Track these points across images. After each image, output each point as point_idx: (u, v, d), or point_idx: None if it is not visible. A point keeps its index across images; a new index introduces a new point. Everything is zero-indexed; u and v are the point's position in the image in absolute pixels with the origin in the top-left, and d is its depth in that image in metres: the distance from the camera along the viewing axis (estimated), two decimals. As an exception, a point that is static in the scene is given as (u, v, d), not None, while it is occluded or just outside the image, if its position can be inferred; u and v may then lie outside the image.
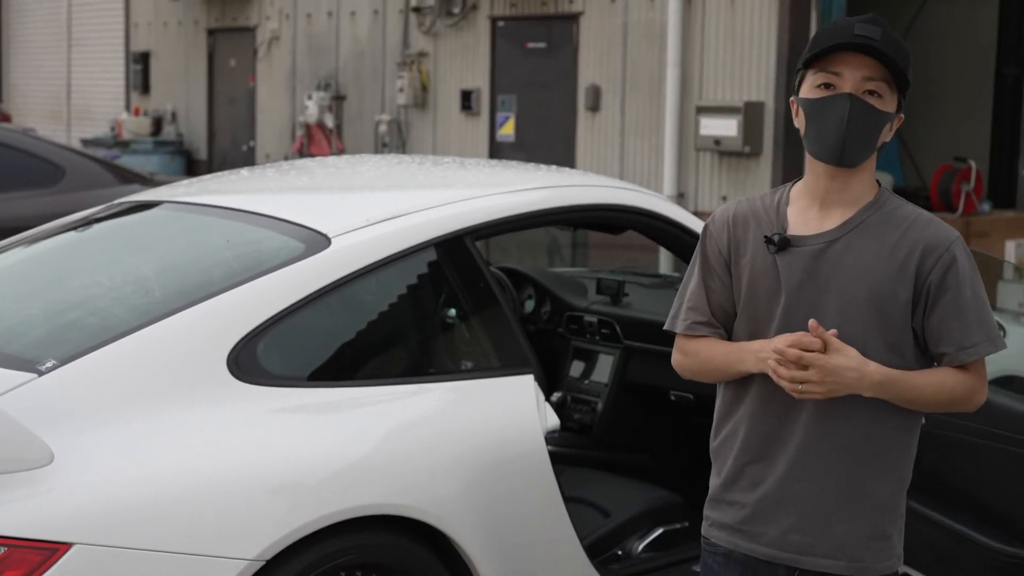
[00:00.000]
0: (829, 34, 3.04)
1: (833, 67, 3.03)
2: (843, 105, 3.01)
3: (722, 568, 3.21)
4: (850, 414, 3.06)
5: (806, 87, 3.09)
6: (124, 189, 8.60)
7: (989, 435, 4.16)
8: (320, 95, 16.92)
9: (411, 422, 4.01)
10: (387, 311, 4.37)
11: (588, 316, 5.88)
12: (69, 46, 22.48)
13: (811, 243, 3.08)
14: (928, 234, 3.06)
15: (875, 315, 3.04)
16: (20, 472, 3.36)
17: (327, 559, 3.71)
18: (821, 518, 3.09)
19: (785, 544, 3.11)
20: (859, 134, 3.02)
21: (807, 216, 3.13)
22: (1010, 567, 4.10)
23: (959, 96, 13.83)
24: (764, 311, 3.11)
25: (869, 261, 3.05)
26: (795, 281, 3.07)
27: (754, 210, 3.19)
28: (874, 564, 3.11)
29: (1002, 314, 7.39)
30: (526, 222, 4.62)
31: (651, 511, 4.87)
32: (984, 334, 3.07)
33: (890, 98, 3.05)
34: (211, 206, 4.70)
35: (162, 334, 3.81)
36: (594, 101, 13.85)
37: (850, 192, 3.10)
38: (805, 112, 3.09)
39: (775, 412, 3.11)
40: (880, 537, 3.12)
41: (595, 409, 5.76)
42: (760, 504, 3.13)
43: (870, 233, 3.07)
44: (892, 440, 3.11)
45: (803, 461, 3.09)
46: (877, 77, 3.02)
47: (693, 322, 3.22)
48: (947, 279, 3.04)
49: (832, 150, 3.04)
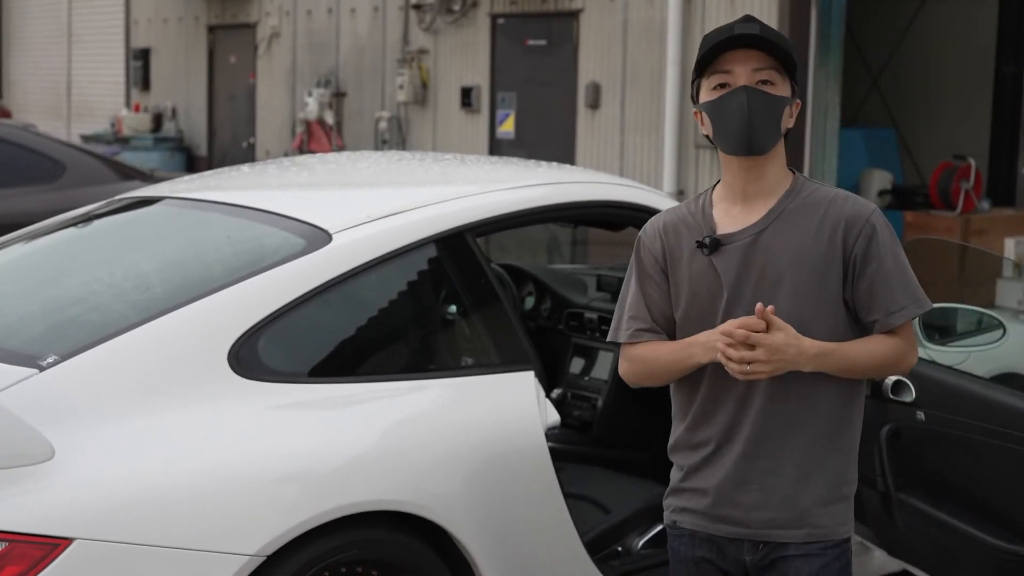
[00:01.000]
0: (713, 38, 3.22)
1: (724, 66, 3.21)
2: (740, 97, 3.18)
3: (688, 548, 3.36)
4: (799, 392, 3.22)
5: (704, 93, 3.26)
6: (124, 185, 8.60)
7: (990, 432, 4.16)
8: (320, 92, 16.91)
9: (412, 418, 4.02)
10: (388, 307, 4.37)
11: (588, 313, 5.88)
12: (69, 42, 22.47)
13: (740, 238, 3.24)
14: (847, 210, 3.23)
15: (814, 293, 3.21)
16: (21, 467, 3.36)
17: (328, 555, 3.71)
18: (782, 492, 3.24)
19: (750, 521, 3.26)
20: (761, 121, 3.18)
21: (732, 214, 3.28)
22: (1011, 564, 4.11)
23: (958, 94, 13.83)
24: (708, 310, 3.25)
25: (798, 244, 3.21)
26: (732, 276, 3.23)
27: (682, 217, 3.36)
28: (834, 528, 3.27)
29: (1001, 311, 7.40)
30: (526, 218, 4.63)
31: (651, 507, 4.87)
32: (909, 297, 3.23)
33: (783, 84, 3.23)
34: (212, 202, 4.70)
35: (163, 330, 3.81)
36: (594, 98, 13.84)
37: (766, 182, 3.26)
38: (709, 114, 3.25)
39: (729, 401, 3.26)
40: (837, 501, 3.28)
41: (595, 406, 5.76)
42: (722, 487, 3.28)
43: (794, 218, 3.23)
44: (840, 411, 3.27)
45: (760, 442, 3.24)
46: (766, 66, 3.20)
47: (636, 330, 3.39)
48: (870, 250, 3.20)
49: (740, 141, 3.19)
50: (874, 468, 4.35)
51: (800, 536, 3.24)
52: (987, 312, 5.43)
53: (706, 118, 3.25)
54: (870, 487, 4.37)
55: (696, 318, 3.27)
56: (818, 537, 3.25)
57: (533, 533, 4.13)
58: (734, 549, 3.30)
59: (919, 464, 4.35)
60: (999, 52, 13.62)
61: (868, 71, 14.24)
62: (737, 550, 3.29)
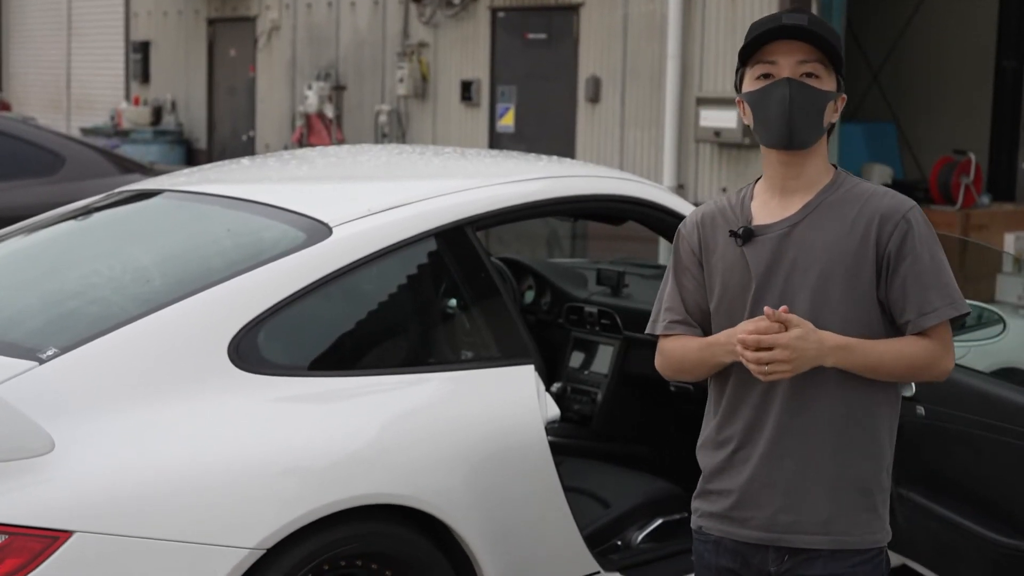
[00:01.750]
0: (759, 27, 3.15)
1: (768, 57, 3.13)
2: (783, 89, 3.11)
3: (712, 555, 3.27)
4: (824, 390, 3.13)
5: (747, 82, 3.19)
6: (124, 178, 8.59)
7: (989, 427, 4.16)
8: (320, 85, 16.90)
9: (411, 412, 4.02)
10: (388, 301, 4.37)
11: (588, 307, 5.88)
12: (69, 35, 22.46)
13: (774, 230, 3.17)
14: (884, 204, 3.14)
15: (845, 290, 3.12)
16: (21, 460, 3.36)
17: (328, 548, 3.72)
18: (806, 495, 3.14)
19: (774, 525, 3.16)
20: (803, 115, 3.11)
21: (769, 207, 3.22)
22: (1009, 558, 4.11)
23: (959, 89, 13.82)
24: (738, 301, 3.19)
25: (832, 238, 3.13)
26: (763, 267, 3.16)
27: (720, 209, 3.29)
28: (861, 537, 3.16)
29: (1001, 306, 7.40)
30: (526, 212, 4.63)
31: (650, 501, 4.88)
32: (944, 297, 3.11)
33: (828, 78, 3.15)
34: (212, 195, 4.70)
35: (163, 323, 3.81)
36: (594, 92, 13.84)
37: (806, 176, 3.19)
38: (750, 105, 3.19)
39: (753, 399, 3.18)
40: (865, 510, 3.17)
41: (595, 400, 5.77)
42: (747, 488, 3.19)
43: (830, 212, 3.16)
44: (868, 414, 3.17)
45: (784, 441, 3.15)
46: (811, 59, 3.12)
47: (670, 322, 3.31)
48: (904, 246, 3.11)
49: (780, 134, 3.13)
50: (874, 462, 4.34)
51: (826, 543, 3.13)
52: (987, 307, 5.43)
53: (747, 108, 3.19)
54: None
55: (726, 310, 3.21)
56: (845, 546, 3.14)
57: (533, 527, 4.13)
58: (758, 559, 3.19)
59: (919, 459, 4.35)
60: (999, 47, 13.62)
61: (868, 66, 14.23)
62: (762, 560, 3.19)
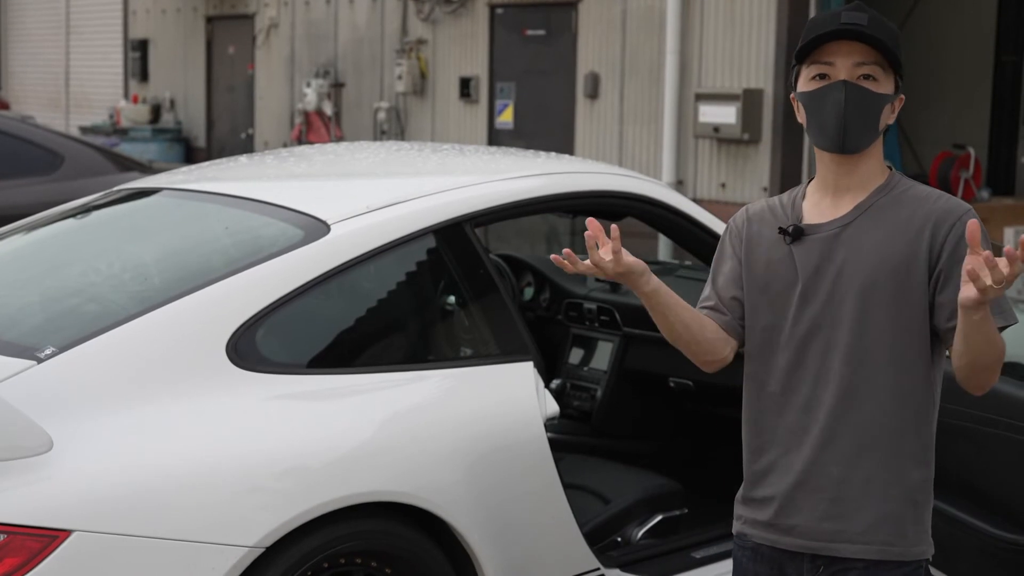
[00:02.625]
0: (817, 26, 3.08)
1: (825, 57, 3.06)
2: (839, 92, 3.04)
3: (750, 563, 3.21)
4: (873, 394, 3.06)
5: (802, 81, 3.13)
6: (122, 177, 8.58)
7: (989, 422, 4.16)
8: (319, 82, 16.92)
9: (410, 409, 4.01)
10: (386, 298, 4.36)
11: (587, 303, 5.88)
12: (67, 34, 22.46)
13: (825, 230, 3.11)
14: (940, 207, 3.05)
15: (893, 294, 3.04)
16: (19, 459, 3.36)
17: (327, 546, 3.71)
18: (852, 503, 3.08)
19: (818, 532, 3.10)
20: (858, 118, 3.05)
21: (821, 206, 3.16)
22: (1009, 553, 4.11)
23: (958, 83, 13.82)
24: (782, 298, 3.13)
25: (883, 241, 3.05)
26: (811, 267, 3.09)
27: (771, 206, 3.25)
28: (907, 549, 3.09)
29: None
30: (525, 209, 4.62)
31: (650, 498, 4.87)
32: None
33: (886, 80, 3.09)
34: (210, 193, 4.70)
35: (161, 321, 3.80)
36: (593, 88, 13.84)
37: (858, 177, 3.12)
38: (804, 105, 3.12)
39: (797, 401, 3.12)
40: (912, 522, 3.11)
41: (594, 396, 5.77)
42: (791, 493, 3.12)
43: (883, 214, 3.08)
44: (916, 420, 3.10)
45: (830, 446, 3.08)
46: (869, 61, 3.05)
47: (702, 307, 3.27)
48: (959, 251, 2.98)
49: (834, 138, 3.07)
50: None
51: (868, 552, 3.06)
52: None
53: (801, 108, 3.14)
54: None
55: (766, 307, 3.15)
56: (887, 556, 3.07)
57: (532, 524, 4.13)
58: (794, 567, 3.13)
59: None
60: (999, 41, 13.62)
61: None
62: (797, 568, 3.13)
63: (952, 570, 4.36)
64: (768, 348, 3.16)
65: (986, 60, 13.70)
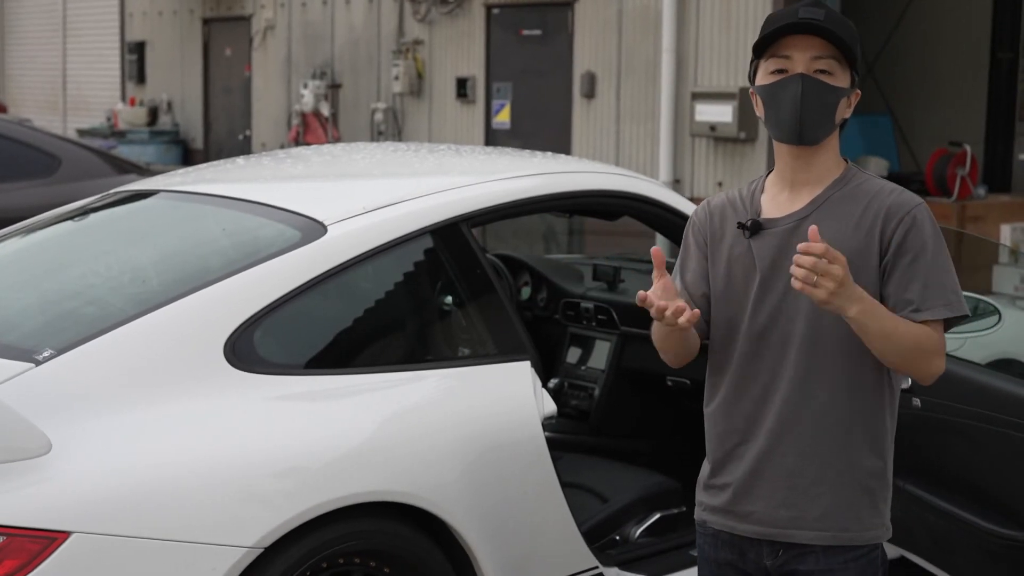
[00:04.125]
0: (775, 20, 3.15)
1: (783, 51, 3.13)
2: (795, 85, 3.11)
3: (712, 548, 3.30)
4: (826, 384, 3.12)
5: (760, 75, 3.20)
6: (120, 179, 8.59)
7: (985, 418, 4.17)
8: (316, 84, 16.91)
9: (408, 409, 4.02)
10: (384, 298, 4.37)
11: (585, 302, 5.88)
12: (65, 36, 22.45)
13: (782, 224, 3.18)
14: (891, 200, 3.14)
15: None
16: (18, 461, 3.37)
17: (325, 546, 3.72)
18: (807, 490, 3.15)
19: (774, 520, 3.17)
20: (814, 111, 3.12)
21: (778, 200, 3.23)
22: (1005, 549, 4.12)
23: (954, 80, 13.82)
24: (741, 291, 3.20)
25: (838, 234, 3.11)
26: (768, 261, 3.16)
27: (731, 200, 3.31)
28: (860, 533, 3.16)
29: (998, 297, 7.41)
30: (522, 209, 4.63)
31: (648, 496, 4.88)
32: (941, 298, 3.07)
33: (842, 75, 3.16)
34: (207, 195, 4.70)
35: (159, 323, 3.81)
36: (589, 88, 13.84)
37: (815, 171, 3.20)
38: (762, 99, 3.20)
39: (754, 391, 3.19)
40: (867, 507, 3.17)
41: (592, 395, 5.77)
42: (747, 481, 3.20)
43: (838, 208, 3.16)
44: (869, 410, 3.16)
45: (785, 435, 3.15)
46: (826, 55, 3.12)
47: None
48: (907, 241, 3.08)
49: (791, 130, 3.14)
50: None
51: (824, 539, 3.13)
52: (983, 298, 5.44)
53: (760, 101, 3.20)
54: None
55: (728, 301, 3.22)
56: (843, 541, 3.14)
57: (530, 523, 4.14)
58: (755, 552, 3.20)
59: (915, 450, 4.35)
60: (994, 38, 13.62)
61: (863, 58, 14.20)
62: (757, 554, 3.20)
63: (949, 566, 4.37)
64: (729, 340, 3.23)
65: (982, 57, 13.70)
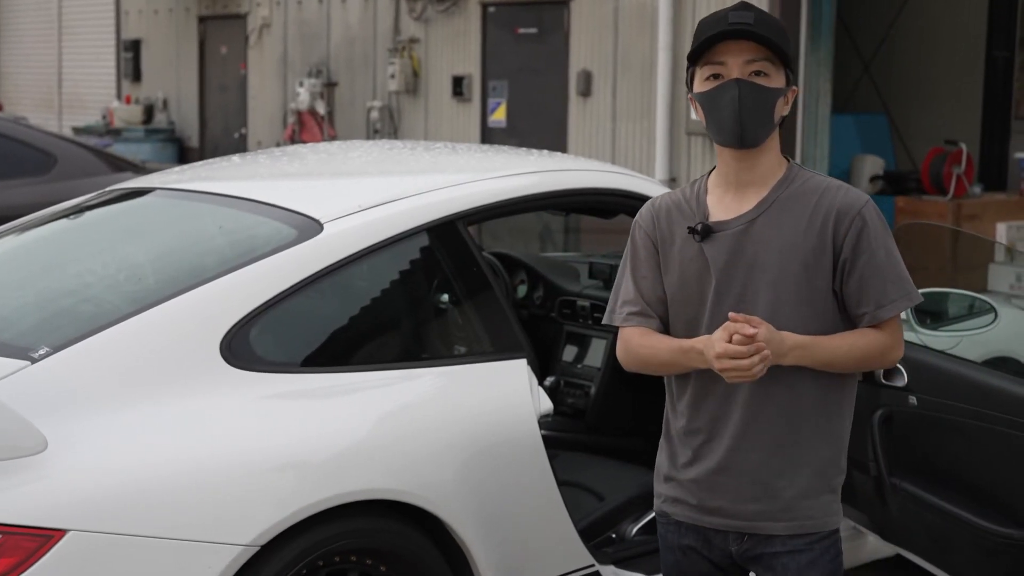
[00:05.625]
0: (707, 27, 3.20)
1: (717, 57, 3.18)
2: (732, 90, 3.16)
3: (675, 536, 3.38)
4: (785, 381, 3.19)
5: (698, 82, 3.24)
6: (116, 177, 8.59)
7: (981, 416, 4.17)
8: (311, 82, 16.90)
9: (404, 407, 4.02)
10: (380, 296, 4.37)
11: (581, 300, 5.89)
12: (60, 34, 22.43)
13: (732, 226, 3.23)
14: (839, 200, 3.20)
15: (804, 285, 3.18)
16: (14, 459, 3.36)
17: (322, 544, 3.72)
18: (771, 484, 3.23)
19: (741, 513, 3.25)
20: (753, 114, 3.16)
21: (725, 202, 3.27)
22: (1002, 547, 4.12)
23: (950, 79, 13.83)
24: (696, 295, 3.24)
25: (790, 234, 3.18)
26: (722, 263, 3.21)
27: (676, 202, 3.35)
28: (822, 519, 3.26)
29: (993, 295, 7.41)
30: (518, 207, 4.63)
31: (644, 495, 4.86)
32: (900, 290, 3.20)
33: (776, 75, 3.20)
34: (203, 192, 4.70)
35: (155, 321, 3.81)
36: (585, 86, 13.84)
37: (759, 171, 3.24)
38: (701, 105, 3.24)
39: (718, 390, 3.24)
40: (825, 492, 3.27)
41: (588, 393, 5.77)
42: (712, 477, 3.27)
43: (786, 207, 3.21)
44: (829, 401, 3.25)
45: (748, 432, 3.23)
46: (759, 58, 3.17)
47: (628, 313, 3.36)
48: (860, 243, 3.17)
49: (732, 134, 3.18)
50: (867, 453, 4.36)
51: (791, 528, 3.23)
52: (979, 296, 5.45)
53: (699, 107, 3.24)
54: (863, 472, 4.38)
55: (684, 303, 3.27)
56: (808, 529, 3.24)
57: (527, 521, 4.14)
58: (720, 539, 3.30)
59: (912, 449, 4.36)
60: (990, 36, 13.61)
61: (859, 57, 14.23)
62: (723, 540, 3.30)
63: (947, 565, 4.37)
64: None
65: (977, 56, 13.70)
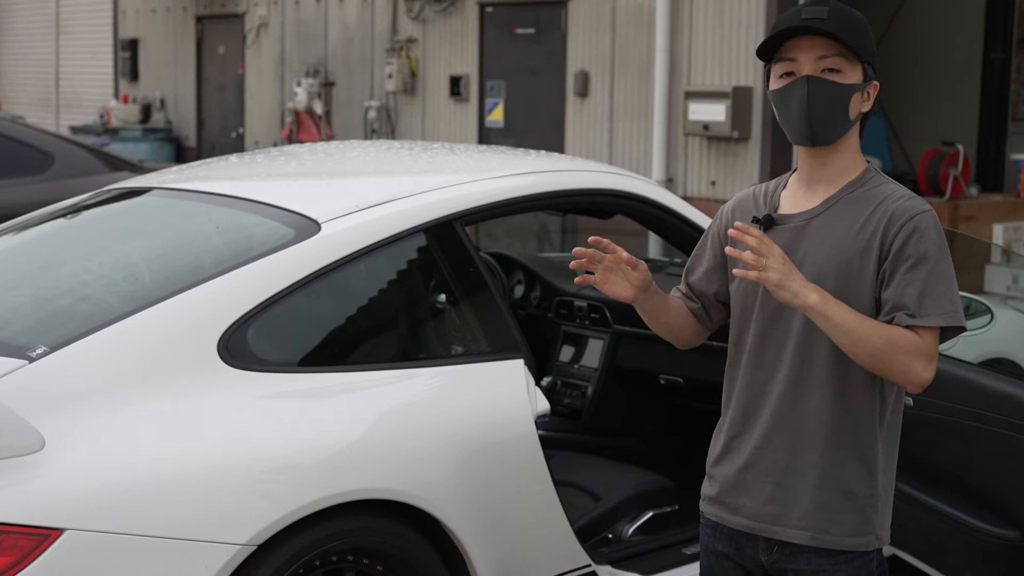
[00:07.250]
0: (779, 23, 3.15)
1: (789, 54, 3.14)
2: (802, 88, 3.11)
3: (711, 539, 3.35)
4: (817, 387, 3.13)
5: (772, 80, 3.21)
6: (113, 176, 8.59)
7: (977, 417, 4.18)
8: (309, 81, 16.91)
9: (401, 407, 4.02)
10: (377, 296, 4.37)
11: (578, 301, 5.89)
12: (57, 34, 22.42)
13: (794, 221, 3.20)
14: (897, 206, 3.10)
15: (841, 289, 3.09)
16: (11, 459, 3.37)
17: (318, 544, 3.72)
18: (793, 489, 3.17)
19: (761, 514, 3.21)
20: (823, 111, 3.11)
21: (796, 197, 3.25)
22: (996, 547, 4.13)
23: (947, 80, 13.84)
24: (751, 286, 3.21)
25: (839, 237, 3.13)
26: None
27: (755, 194, 3.35)
28: (841, 538, 3.15)
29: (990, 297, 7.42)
30: (515, 207, 4.63)
31: (641, 494, 4.89)
32: (936, 306, 3.02)
33: (852, 71, 3.13)
34: (201, 192, 4.70)
35: (152, 320, 3.81)
36: (583, 86, 13.85)
37: (831, 169, 3.20)
38: (773, 103, 3.21)
39: (755, 386, 3.22)
40: (850, 511, 3.15)
41: (585, 393, 5.78)
42: (739, 475, 3.24)
43: (847, 209, 3.16)
44: (857, 418, 3.14)
45: (778, 432, 3.18)
46: (831, 54, 3.11)
47: (676, 288, 3.45)
48: (907, 247, 3.05)
49: (801, 132, 3.15)
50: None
51: (805, 539, 3.14)
52: (975, 297, 5.45)
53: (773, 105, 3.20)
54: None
55: (743, 294, 3.25)
56: (824, 544, 3.14)
57: (523, 520, 4.14)
58: (751, 547, 3.23)
59: (907, 449, 4.36)
60: (987, 38, 13.64)
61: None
62: (753, 548, 3.23)
63: (942, 565, 4.38)
64: (742, 332, 3.27)
65: (974, 57, 13.72)
